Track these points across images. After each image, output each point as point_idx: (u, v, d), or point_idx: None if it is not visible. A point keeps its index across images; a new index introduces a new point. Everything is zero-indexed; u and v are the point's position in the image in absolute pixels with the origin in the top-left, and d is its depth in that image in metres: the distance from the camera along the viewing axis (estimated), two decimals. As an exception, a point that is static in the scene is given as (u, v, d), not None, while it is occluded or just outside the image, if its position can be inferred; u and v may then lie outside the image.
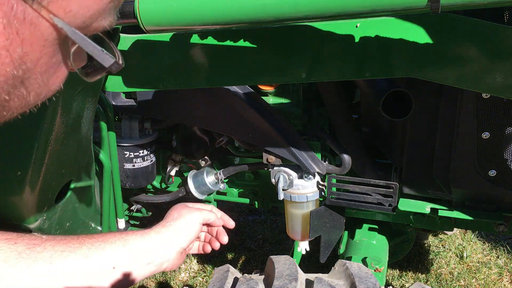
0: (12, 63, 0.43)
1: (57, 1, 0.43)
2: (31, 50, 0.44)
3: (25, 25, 0.42)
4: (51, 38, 0.45)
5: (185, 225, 1.01)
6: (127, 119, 1.41)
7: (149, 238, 0.96)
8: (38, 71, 0.46)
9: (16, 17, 0.41)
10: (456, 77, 0.92)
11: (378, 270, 1.52)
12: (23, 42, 0.42)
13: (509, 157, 1.15)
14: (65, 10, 0.43)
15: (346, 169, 1.29)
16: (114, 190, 1.36)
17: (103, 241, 0.92)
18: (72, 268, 0.86)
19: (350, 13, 0.73)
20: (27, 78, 0.46)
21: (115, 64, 0.49)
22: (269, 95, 1.55)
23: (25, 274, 0.82)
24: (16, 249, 0.84)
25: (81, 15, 0.45)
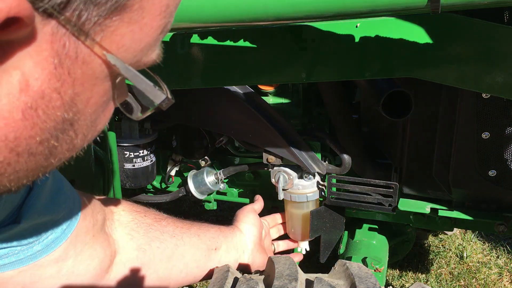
0: (63, 106, 0.40)
1: (111, 36, 0.39)
2: (82, 91, 0.40)
3: (77, 63, 0.38)
4: (102, 76, 0.41)
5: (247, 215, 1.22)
6: (127, 119, 1.41)
7: (233, 229, 1.16)
8: (88, 111, 0.43)
9: (68, 55, 0.37)
10: (456, 77, 0.92)
11: (378, 270, 1.52)
12: (75, 82, 0.39)
13: (509, 157, 1.15)
14: (117, 45, 0.40)
15: (346, 169, 1.29)
16: (114, 190, 1.36)
17: (207, 225, 1.11)
18: (188, 243, 1.02)
19: (350, 13, 0.73)
20: (77, 120, 0.42)
21: (166, 100, 0.46)
22: (269, 95, 1.55)
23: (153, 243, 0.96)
24: (146, 221, 0.98)
25: (133, 50, 0.42)
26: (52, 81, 0.37)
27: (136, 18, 0.40)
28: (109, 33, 0.39)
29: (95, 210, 0.87)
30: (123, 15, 0.38)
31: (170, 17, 0.44)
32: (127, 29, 0.40)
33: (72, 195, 0.82)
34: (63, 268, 0.80)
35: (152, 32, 0.43)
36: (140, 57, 0.44)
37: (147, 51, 0.44)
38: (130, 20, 0.39)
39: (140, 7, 0.39)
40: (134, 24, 0.40)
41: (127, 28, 0.40)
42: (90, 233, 0.84)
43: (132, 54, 0.42)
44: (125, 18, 0.39)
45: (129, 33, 0.40)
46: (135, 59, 0.43)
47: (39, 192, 0.72)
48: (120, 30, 0.39)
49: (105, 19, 0.37)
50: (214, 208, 1.80)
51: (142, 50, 0.43)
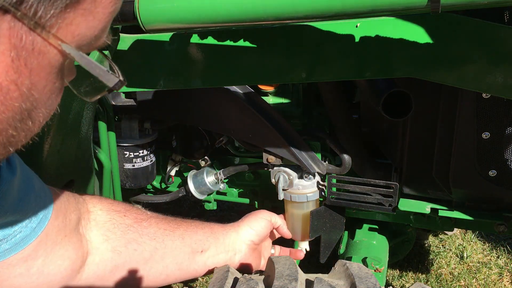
0: (21, 97, 0.41)
1: (66, 26, 0.41)
2: (38, 80, 0.42)
3: (33, 55, 0.40)
4: (57, 64, 0.43)
5: (253, 220, 1.15)
6: (127, 119, 1.41)
7: (228, 230, 1.11)
8: (43, 99, 0.45)
9: (25, 48, 0.39)
10: (456, 77, 0.92)
11: (378, 270, 1.52)
12: (31, 72, 0.41)
13: (509, 157, 1.15)
14: (73, 35, 0.42)
15: (346, 169, 1.29)
16: (114, 190, 1.35)
17: (196, 226, 1.07)
18: (170, 247, 0.99)
19: (350, 13, 0.73)
20: (34, 109, 0.44)
21: (119, 82, 0.48)
22: (269, 95, 1.55)
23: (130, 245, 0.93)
24: (125, 222, 0.95)
25: (87, 37, 0.44)
26: (9, 73, 0.39)
27: (90, 9, 0.42)
28: (64, 24, 0.41)
29: (69, 209, 0.86)
30: (77, 7, 0.41)
31: (119, 2, 0.47)
32: (82, 19, 0.42)
33: (44, 193, 0.81)
34: (33, 267, 0.79)
35: (105, 18, 0.45)
36: (94, 42, 0.46)
37: (100, 36, 0.47)
38: (84, 11, 0.42)
39: None
40: (88, 14, 0.43)
41: (82, 18, 0.42)
42: (62, 233, 0.82)
43: (86, 41, 0.45)
44: (80, 9, 0.41)
45: (83, 22, 0.42)
46: (89, 44, 0.46)
47: (6, 190, 0.70)
48: (75, 21, 0.42)
49: (60, 12, 0.40)
50: (214, 208, 1.81)
51: (96, 36, 0.46)
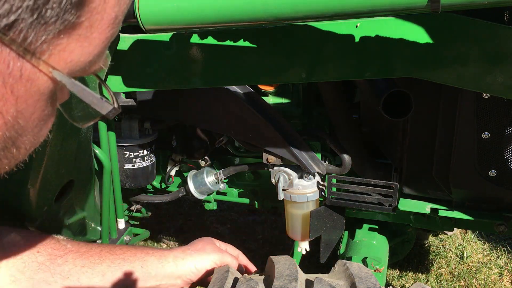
0: (5, 125, 0.39)
1: (59, 53, 0.39)
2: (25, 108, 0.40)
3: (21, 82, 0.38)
4: (47, 91, 0.41)
5: (202, 259, 1.01)
6: (127, 119, 1.41)
7: (166, 263, 0.98)
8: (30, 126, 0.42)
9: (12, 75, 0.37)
10: (456, 77, 0.92)
11: (378, 270, 1.52)
12: (18, 100, 0.38)
13: (509, 157, 1.15)
14: (65, 61, 0.40)
15: (346, 169, 1.29)
16: (114, 190, 1.36)
17: (123, 259, 0.94)
18: (86, 284, 0.88)
19: (350, 13, 0.73)
20: (19, 137, 0.42)
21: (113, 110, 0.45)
22: (269, 95, 1.55)
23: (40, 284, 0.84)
24: (37, 259, 0.85)
25: (81, 63, 0.42)
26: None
27: (85, 34, 0.40)
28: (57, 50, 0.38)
29: None
30: (72, 33, 0.38)
31: (118, 26, 0.44)
32: (76, 45, 0.40)
33: None
34: None
35: (101, 44, 0.42)
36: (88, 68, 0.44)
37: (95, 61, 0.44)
38: (80, 37, 0.39)
39: (89, 24, 0.39)
40: (84, 40, 0.40)
41: (76, 44, 0.40)
42: None
43: (80, 67, 0.42)
44: (74, 35, 0.39)
45: (78, 48, 0.40)
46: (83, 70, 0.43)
47: None
48: (69, 47, 0.39)
49: (53, 38, 0.37)
50: (214, 208, 1.81)
51: (91, 62, 0.43)
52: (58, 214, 1.13)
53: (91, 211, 1.29)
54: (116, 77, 1.15)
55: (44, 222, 1.07)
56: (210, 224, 3.09)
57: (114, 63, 1.08)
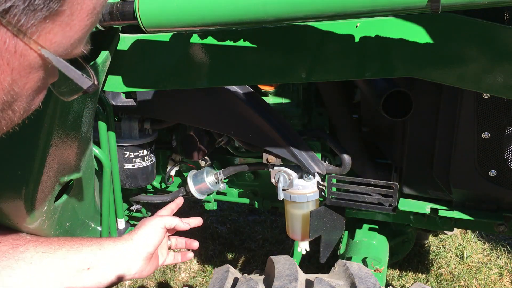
0: (2, 91, 0.49)
1: (45, 34, 0.48)
2: (19, 78, 0.49)
3: (15, 56, 0.47)
4: (37, 66, 0.50)
5: (148, 231, 1.09)
6: (126, 119, 1.41)
7: (120, 244, 1.06)
8: (25, 94, 0.52)
9: (8, 50, 0.46)
10: (456, 77, 0.92)
11: (378, 270, 1.52)
12: (13, 71, 0.48)
13: (509, 157, 1.15)
14: (51, 42, 0.49)
15: (346, 169, 1.29)
16: (114, 190, 1.35)
17: (81, 244, 1.03)
18: (50, 268, 0.95)
19: (350, 13, 0.73)
20: (15, 102, 0.52)
21: (92, 85, 0.56)
22: (269, 95, 1.55)
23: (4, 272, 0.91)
24: (2, 248, 0.94)
25: (64, 44, 0.51)
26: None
27: (67, 21, 0.49)
28: (44, 32, 0.48)
29: None
30: (55, 19, 0.48)
31: (96, 16, 0.53)
32: (59, 29, 0.49)
33: None
34: None
35: (80, 30, 0.52)
36: (70, 50, 0.53)
37: (77, 45, 0.53)
38: (62, 23, 0.49)
39: (70, 12, 0.49)
40: (66, 26, 0.50)
41: (59, 28, 0.49)
42: None
43: (63, 48, 0.52)
44: (58, 21, 0.49)
45: (61, 32, 0.50)
46: (66, 51, 0.53)
47: None
48: (53, 30, 0.49)
49: (40, 22, 0.47)
50: (214, 208, 1.81)
51: (72, 44, 0.53)
52: (58, 214, 1.12)
53: (91, 211, 1.29)
54: (116, 77, 1.15)
55: (44, 222, 1.07)
56: (210, 224, 3.09)
57: (114, 63, 1.08)
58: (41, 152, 0.95)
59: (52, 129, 0.95)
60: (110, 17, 0.88)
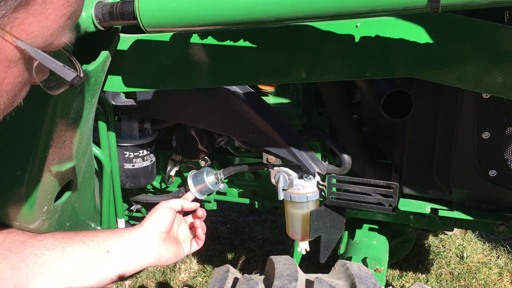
0: None
1: (19, 25, 0.46)
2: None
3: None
4: (15, 59, 0.48)
5: (156, 215, 1.13)
6: (126, 119, 1.41)
7: (133, 230, 1.09)
8: (4, 89, 0.49)
9: None
10: (456, 77, 0.92)
11: (378, 270, 1.52)
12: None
13: (509, 157, 1.15)
14: (27, 33, 0.47)
15: (346, 169, 1.29)
16: (114, 190, 1.35)
17: (95, 231, 1.07)
18: (71, 252, 0.97)
19: (350, 13, 0.73)
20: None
21: (77, 77, 0.53)
22: (269, 95, 1.55)
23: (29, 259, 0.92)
24: (20, 239, 0.96)
25: (42, 35, 0.48)
26: None
27: (40, 10, 0.47)
28: (17, 23, 0.46)
29: None
30: (27, 8, 0.46)
31: (76, 5, 0.51)
32: (34, 19, 0.47)
33: None
34: None
35: (58, 20, 0.49)
36: (51, 41, 0.50)
37: (57, 35, 0.51)
38: (35, 12, 0.47)
39: (43, 1, 0.47)
40: (39, 15, 0.47)
41: (33, 18, 0.47)
42: None
43: (41, 39, 0.49)
44: (30, 10, 0.46)
45: (35, 22, 0.47)
46: (46, 43, 0.50)
47: None
48: (27, 20, 0.46)
49: (11, 12, 0.44)
50: (214, 208, 1.81)
51: (52, 35, 0.50)
52: (58, 214, 1.13)
53: (91, 211, 1.29)
54: (116, 77, 1.15)
55: (44, 222, 1.07)
56: (210, 224, 3.09)
57: (114, 63, 1.08)
58: (41, 152, 0.95)
59: (52, 129, 0.95)
60: (110, 17, 0.88)
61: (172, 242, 1.14)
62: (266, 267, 1.17)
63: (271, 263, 1.12)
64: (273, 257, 1.14)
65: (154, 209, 1.16)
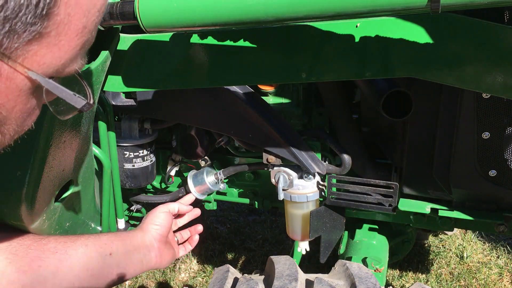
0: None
1: (32, 56, 0.46)
2: (6, 101, 0.47)
3: (1, 80, 0.45)
4: (25, 88, 0.48)
5: (154, 218, 1.17)
6: (126, 119, 1.41)
7: (133, 233, 1.12)
8: (13, 117, 0.49)
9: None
10: (456, 77, 0.92)
11: (378, 270, 1.52)
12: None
13: (509, 157, 1.15)
14: (39, 64, 0.46)
15: (346, 169, 1.29)
16: (114, 190, 1.35)
17: (97, 234, 1.08)
18: (75, 255, 0.99)
19: (350, 13, 0.73)
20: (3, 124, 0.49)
21: (86, 105, 0.53)
22: (269, 95, 1.55)
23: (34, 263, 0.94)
24: (24, 243, 0.97)
25: (54, 65, 0.48)
26: None
27: (54, 42, 0.46)
28: (30, 55, 0.45)
29: None
30: (41, 41, 0.45)
31: (89, 34, 0.50)
32: (47, 50, 0.46)
33: None
34: None
35: (71, 50, 0.49)
36: (62, 69, 0.50)
37: (69, 64, 0.50)
38: (48, 44, 0.46)
39: (56, 33, 0.46)
40: (53, 47, 0.47)
41: (47, 50, 0.46)
42: None
43: (53, 69, 0.48)
44: (44, 43, 0.46)
45: (48, 53, 0.47)
46: (57, 71, 0.50)
47: None
48: (40, 52, 0.46)
49: (25, 45, 0.44)
50: (214, 208, 1.81)
51: (64, 64, 0.50)
52: (58, 214, 1.13)
53: (91, 211, 1.29)
54: (116, 77, 1.15)
55: (44, 222, 1.07)
56: (210, 224, 3.09)
57: (114, 63, 1.08)
58: (41, 152, 0.95)
59: (52, 129, 0.95)
60: (110, 17, 0.88)
61: (170, 245, 1.17)
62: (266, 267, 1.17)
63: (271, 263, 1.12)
64: (273, 257, 1.14)
65: (154, 212, 1.18)
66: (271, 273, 1.08)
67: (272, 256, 1.16)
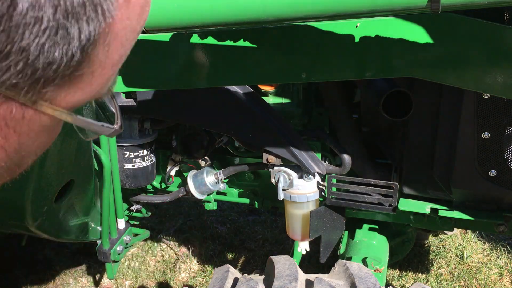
0: (7, 157, 0.42)
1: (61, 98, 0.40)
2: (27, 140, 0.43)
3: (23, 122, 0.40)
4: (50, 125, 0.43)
5: None
6: (127, 119, 1.41)
7: None
8: (33, 151, 0.46)
9: (15, 118, 0.39)
10: (456, 77, 0.92)
11: (378, 270, 1.52)
12: (20, 136, 0.41)
13: (509, 157, 1.15)
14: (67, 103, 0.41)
15: (346, 169, 1.29)
16: (114, 190, 1.36)
17: None
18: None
19: (350, 13, 0.73)
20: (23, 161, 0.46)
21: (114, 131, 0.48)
22: (269, 95, 1.55)
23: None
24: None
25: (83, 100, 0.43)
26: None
27: (86, 81, 0.41)
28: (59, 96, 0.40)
29: None
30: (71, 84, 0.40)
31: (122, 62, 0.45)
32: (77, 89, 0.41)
33: None
34: None
35: (103, 82, 0.44)
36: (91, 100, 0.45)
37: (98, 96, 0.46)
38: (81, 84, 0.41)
39: (90, 72, 0.40)
40: (85, 87, 0.41)
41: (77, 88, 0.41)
42: None
43: (82, 103, 0.43)
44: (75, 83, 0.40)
45: (79, 91, 0.41)
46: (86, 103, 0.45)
47: None
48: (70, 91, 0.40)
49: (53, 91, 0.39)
50: (214, 208, 1.81)
51: (93, 96, 0.45)
52: (58, 214, 1.13)
53: (91, 211, 1.29)
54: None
55: (44, 222, 1.07)
56: (210, 224, 3.09)
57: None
58: (41, 152, 0.95)
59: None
60: (110, 17, 0.88)
61: None
62: (266, 267, 1.17)
63: (271, 263, 1.12)
64: (273, 257, 1.14)
65: None
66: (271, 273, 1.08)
67: (272, 256, 1.16)
